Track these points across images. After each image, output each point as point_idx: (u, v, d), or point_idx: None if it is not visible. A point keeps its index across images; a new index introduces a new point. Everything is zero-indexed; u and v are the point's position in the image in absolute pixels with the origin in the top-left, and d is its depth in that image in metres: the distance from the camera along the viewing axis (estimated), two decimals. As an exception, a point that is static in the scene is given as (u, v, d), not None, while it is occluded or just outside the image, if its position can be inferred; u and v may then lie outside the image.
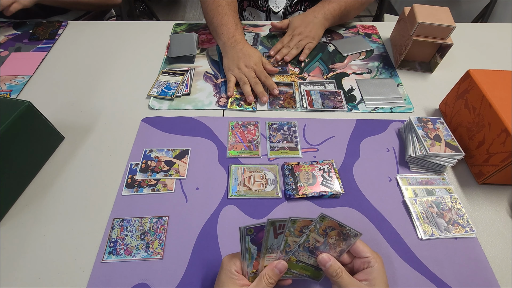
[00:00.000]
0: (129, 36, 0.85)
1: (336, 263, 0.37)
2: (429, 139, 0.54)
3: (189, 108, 0.66)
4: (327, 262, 0.37)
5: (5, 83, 0.70)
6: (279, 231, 0.35)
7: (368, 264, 0.37)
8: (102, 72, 0.74)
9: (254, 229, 0.35)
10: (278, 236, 0.35)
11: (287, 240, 0.36)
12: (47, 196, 0.52)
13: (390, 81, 0.73)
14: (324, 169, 0.55)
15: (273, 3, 0.92)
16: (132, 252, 0.46)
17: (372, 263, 0.36)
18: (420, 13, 0.67)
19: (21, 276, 0.44)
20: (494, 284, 0.44)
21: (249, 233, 0.35)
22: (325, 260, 0.37)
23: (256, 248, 0.36)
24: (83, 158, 0.58)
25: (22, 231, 0.48)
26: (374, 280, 0.35)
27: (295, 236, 0.36)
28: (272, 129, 0.62)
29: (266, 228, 0.34)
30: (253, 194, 0.52)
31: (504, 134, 0.47)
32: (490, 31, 0.89)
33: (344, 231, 0.36)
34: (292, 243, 0.37)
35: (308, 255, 0.38)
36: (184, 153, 0.58)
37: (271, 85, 0.69)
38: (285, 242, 0.36)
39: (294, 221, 0.35)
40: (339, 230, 0.36)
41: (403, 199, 0.52)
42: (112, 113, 0.65)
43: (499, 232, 0.49)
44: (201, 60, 0.78)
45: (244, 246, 0.35)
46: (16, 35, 0.84)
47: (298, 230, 0.36)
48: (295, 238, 0.36)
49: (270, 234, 0.35)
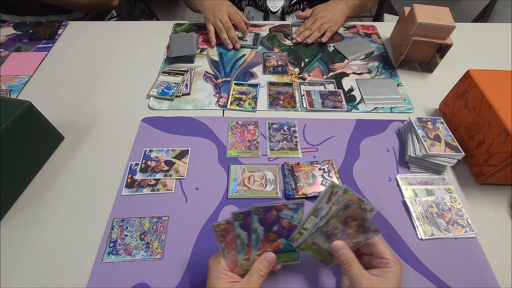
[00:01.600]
0: (129, 36, 0.85)
1: (349, 252, 0.36)
2: (429, 139, 0.54)
3: (189, 108, 0.66)
4: (340, 249, 0.36)
5: (5, 83, 0.71)
6: (333, 198, 0.36)
7: (386, 265, 0.36)
8: (102, 72, 0.74)
9: (263, 209, 0.35)
10: (329, 201, 0.36)
11: (329, 221, 0.36)
12: (47, 196, 0.52)
13: (390, 81, 0.73)
14: (324, 169, 0.55)
15: (271, 3, 0.93)
16: (132, 252, 0.46)
17: (390, 265, 0.36)
18: (420, 13, 0.67)
19: (21, 276, 0.44)
20: (494, 284, 0.44)
21: (257, 212, 0.35)
22: (339, 246, 0.37)
23: (263, 229, 0.36)
24: (83, 158, 0.58)
25: (22, 231, 0.48)
26: (388, 280, 0.35)
27: (340, 220, 0.36)
28: (272, 129, 0.62)
29: (325, 190, 0.35)
30: (253, 194, 0.52)
31: (504, 134, 0.47)
32: (490, 31, 0.89)
33: (365, 224, 0.36)
34: (332, 225, 0.36)
35: (324, 240, 0.38)
36: (184, 153, 0.58)
37: (242, 29, 0.80)
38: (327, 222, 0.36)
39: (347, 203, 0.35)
40: (360, 222, 0.36)
41: (403, 199, 0.52)
42: (112, 113, 0.65)
43: (499, 232, 0.49)
44: (201, 60, 0.78)
45: (252, 226, 0.36)
46: (16, 35, 0.84)
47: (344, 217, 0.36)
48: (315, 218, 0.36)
49: (325, 198, 0.36)
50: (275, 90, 0.71)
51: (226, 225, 0.35)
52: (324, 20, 0.82)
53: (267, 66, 0.76)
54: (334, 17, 0.83)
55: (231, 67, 0.76)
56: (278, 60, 0.78)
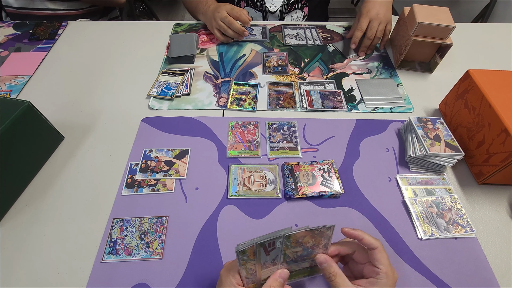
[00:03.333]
0: (129, 36, 0.85)
1: (331, 266, 0.36)
2: (429, 139, 0.54)
3: (189, 108, 0.66)
4: (323, 263, 0.36)
5: (5, 83, 0.71)
6: (269, 249, 0.34)
7: (377, 275, 0.35)
8: (102, 72, 0.74)
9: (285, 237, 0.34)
10: (270, 253, 0.35)
11: (286, 253, 0.36)
12: (47, 196, 0.52)
13: (390, 81, 0.73)
14: (324, 169, 0.55)
15: (270, 3, 0.93)
16: (132, 252, 0.46)
17: (380, 276, 0.35)
18: (420, 13, 0.67)
19: (21, 276, 0.44)
20: (494, 284, 0.44)
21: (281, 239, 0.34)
22: (321, 260, 0.36)
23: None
24: (83, 158, 0.58)
25: (22, 231, 0.48)
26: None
27: (292, 247, 0.35)
28: (272, 129, 0.62)
29: (256, 250, 0.33)
30: (253, 194, 0.52)
31: (504, 134, 0.47)
32: (490, 31, 0.89)
33: (316, 232, 0.35)
34: (291, 254, 0.36)
35: (297, 264, 0.38)
36: (184, 153, 0.58)
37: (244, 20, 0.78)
38: (284, 255, 0.36)
39: (288, 237, 0.34)
40: (310, 234, 0.35)
41: (403, 199, 0.52)
42: (112, 113, 0.65)
43: (499, 232, 0.49)
44: (201, 60, 0.78)
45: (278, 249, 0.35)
46: (16, 35, 0.84)
47: (295, 242, 0.35)
48: (293, 249, 0.36)
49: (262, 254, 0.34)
50: (275, 90, 0.71)
51: (251, 249, 0.34)
52: (379, 20, 0.75)
53: (267, 66, 0.76)
54: (387, 14, 0.75)
55: (231, 67, 0.76)
56: (278, 60, 0.78)
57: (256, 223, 0.49)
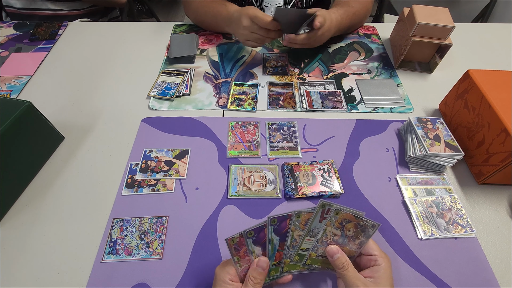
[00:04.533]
0: (129, 37, 0.85)
1: (343, 256, 0.37)
2: (428, 139, 0.54)
3: (189, 108, 0.67)
4: (335, 253, 0.37)
5: (5, 83, 0.71)
6: (325, 216, 0.35)
7: (375, 262, 0.36)
8: (102, 72, 0.75)
9: (278, 219, 0.35)
10: (323, 220, 0.35)
11: (293, 235, 0.36)
12: (47, 196, 0.52)
13: (389, 82, 0.73)
14: (323, 169, 0.55)
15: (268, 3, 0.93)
16: (132, 252, 0.46)
17: (379, 262, 0.36)
18: (420, 13, 0.67)
19: (21, 276, 0.44)
20: (494, 284, 0.44)
21: (273, 223, 0.35)
22: (333, 251, 0.37)
23: (279, 239, 0.36)
24: (83, 158, 0.58)
25: (22, 231, 0.48)
26: (380, 279, 0.35)
27: (300, 230, 0.36)
28: (272, 129, 0.62)
29: (315, 209, 0.35)
30: (253, 194, 0.52)
31: (503, 134, 0.47)
32: (490, 31, 0.89)
33: (360, 223, 0.36)
34: (297, 237, 0.36)
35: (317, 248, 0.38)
36: (184, 153, 0.58)
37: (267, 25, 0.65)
38: (291, 237, 0.36)
39: (299, 215, 0.35)
40: (355, 222, 0.36)
41: (403, 199, 0.52)
42: (112, 113, 0.65)
43: (499, 232, 0.49)
44: (201, 61, 0.78)
45: (268, 237, 0.36)
46: (16, 36, 0.84)
47: (303, 224, 0.36)
48: (300, 232, 0.36)
49: (317, 217, 0.35)
50: (275, 90, 0.71)
51: (240, 238, 0.35)
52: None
53: (267, 67, 0.77)
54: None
55: (231, 68, 0.76)
56: (278, 61, 0.78)
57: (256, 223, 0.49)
